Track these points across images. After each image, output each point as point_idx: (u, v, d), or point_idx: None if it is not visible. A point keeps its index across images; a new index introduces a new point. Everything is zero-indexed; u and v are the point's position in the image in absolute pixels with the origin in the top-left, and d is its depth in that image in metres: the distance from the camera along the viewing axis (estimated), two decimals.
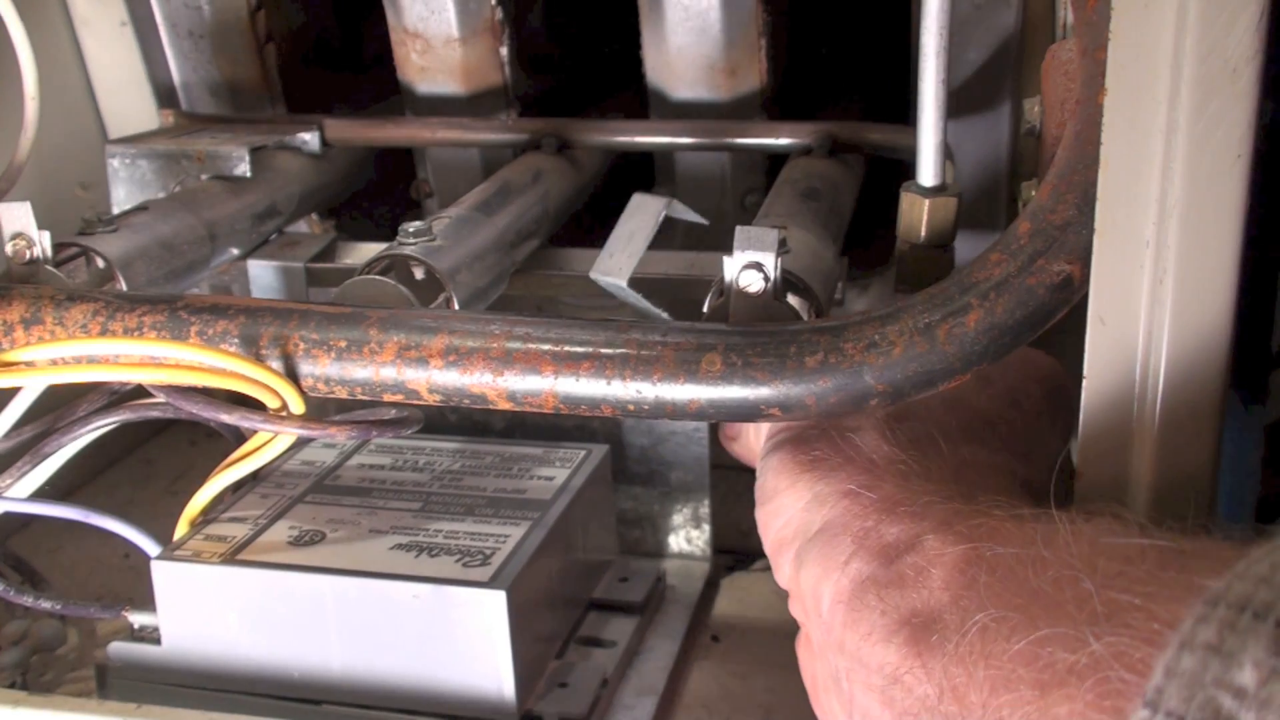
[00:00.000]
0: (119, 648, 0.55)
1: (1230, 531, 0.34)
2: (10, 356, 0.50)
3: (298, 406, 0.49)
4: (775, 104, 0.79)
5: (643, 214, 0.56)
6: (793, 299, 0.52)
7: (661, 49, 0.77)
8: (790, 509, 0.45)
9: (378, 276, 0.57)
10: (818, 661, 0.43)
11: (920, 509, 0.40)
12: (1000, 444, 0.46)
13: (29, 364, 0.50)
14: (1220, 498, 0.42)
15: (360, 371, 0.49)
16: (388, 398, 0.49)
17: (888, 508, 0.41)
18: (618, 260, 0.55)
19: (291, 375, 0.49)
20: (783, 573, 0.45)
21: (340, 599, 0.51)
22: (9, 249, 0.58)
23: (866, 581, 0.39)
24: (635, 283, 0.72)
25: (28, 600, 0.57)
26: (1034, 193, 0.49)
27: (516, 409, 0.48)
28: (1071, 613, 0.32)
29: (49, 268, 0.58)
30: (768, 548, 0.47)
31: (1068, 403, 0.50)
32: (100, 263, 0.61)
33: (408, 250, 0.58)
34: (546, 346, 0.47)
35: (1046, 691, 0.31)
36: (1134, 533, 0.35)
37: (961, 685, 0.34)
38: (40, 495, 0.56)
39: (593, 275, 0.55)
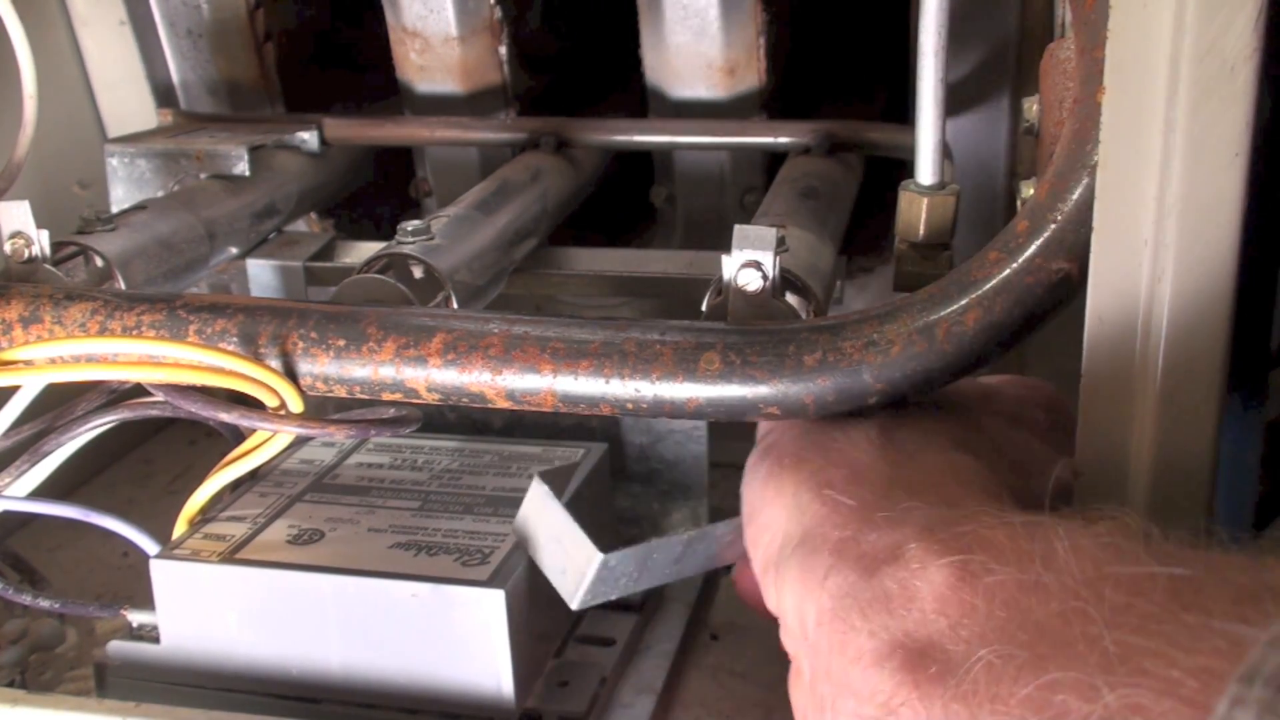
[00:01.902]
0: (118, 646, 0.55)
1: (1231, 538, 0.33)
2: (9, 355, 0.50)
3: (296, 405, 0.49)
4: (774, 103, 0.80)
5: (542, 510, 0.48)
6: (791, 298, 0.53)
7: (660, 48, 0.77)
8: (775, 523, 0.42)
9: (376, 275, 0.57)
10: (809, 695, 0.39)
11: (899, 515, 0.38)
12: (996, 459, 0.44)
13: (28, 363, 0.50)
14: (1219, 497, 0.42)
15: (359, 370, 0.49)
16: (386, 396, 0.49)
17: (866, 515, 0.39)
18: (577, 573, 0.45)
19: (290, 374, 0.49)
20: (770, 596, 0.42)
21: (339, 598, 0.51)
22: (7, 248, 0.58)
23: (847, 597, 0.37)
24: (634, 281, 0.72)
25: (27, 599, 0.57)
26: (1032, 191, 0.49)
27: (515, 408, 0.48)
28: (1082, 653, 0.30)
29: (47, 266, 0.58)
30: (756, 569, 0.44)
31: (1071, 428, 0.49)
32: (99, 261, 0.61)
33: (406, 249, 0.58)
34: (545, 345, 0.47)
35: None
36: (1138, 546, 0.33)
37: None
38: (39, 494, 0.56)
39: (577, 607, 0.46)
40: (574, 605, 0.45)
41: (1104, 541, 0.33)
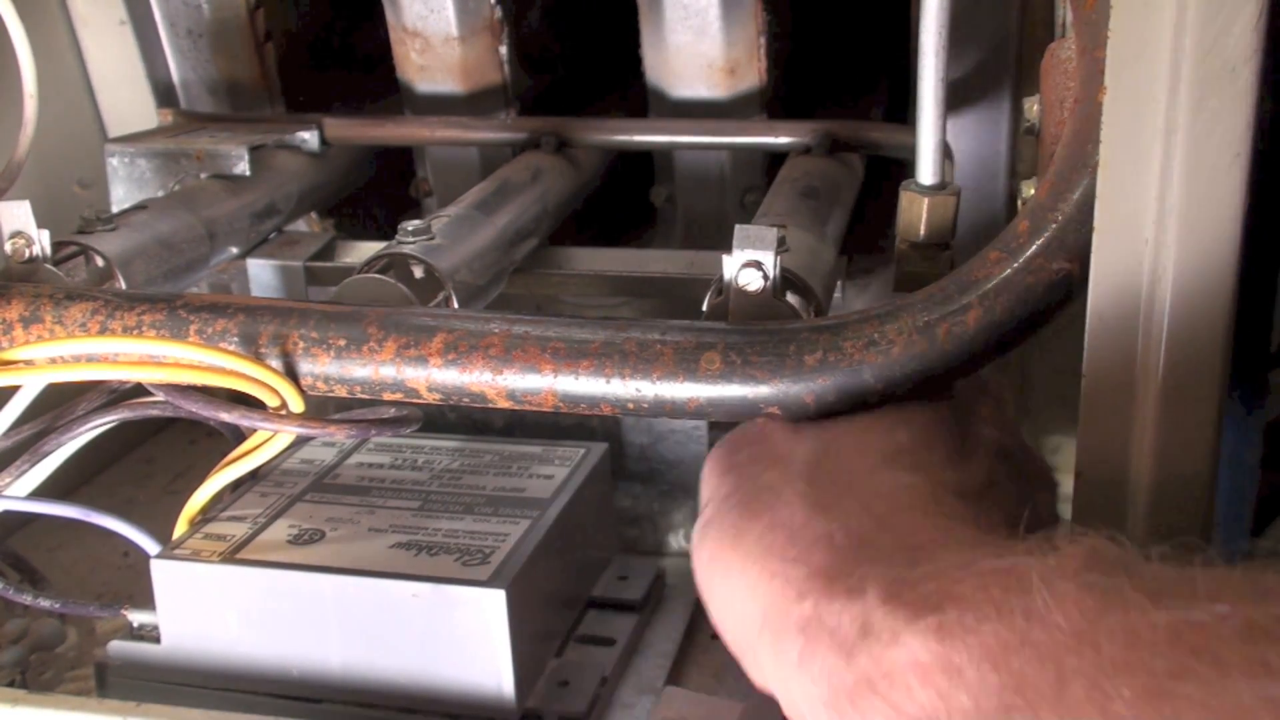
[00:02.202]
0: (118, 646, 0.55)
1: (1229, 551, 0.31)
2: (9, 355, 0.50)
3: (297, 405, 0.49)
4: (775, 103, 0.80)
5: None
6: (792, 297, 0.53)
7: (661, 48, 0.77)
8: (731, 606, 0.40)
9: (377, 275, 0.57)
10: None
11: (857, 581, 0.35)
12: (925, 456, 0.42)
13: (28, 362, 0.50)
14: (1220, 496, 0.42)
15: (359, 370, 0.49)
16: (387, 396, 0.49)
17: (822, 585, 0.36)
18: None
19: (291, 374, 0.49)
20: (754, 674, 0.40)
21: (340, 598, 0.51)
22: (8, 247, 0.58)
23: (830, 684, 0.35)
24: (634, 281, 0.72)
25: (27, 599, 0.57)
26: (1033, 191, 0.49)
27: (516, 407, 0.48)
28: None
29: (48, 266, 0.58)
30: (732, 650, 0.41)
31: (981, 387, 0.47)
32: (99, 261, 0.61)
33: (407, 249, 0.58)
34: (546, 345, 0.47)
35: None
36: (1121, 581, 0.30)
37: None
38: (40, 494, 0.56)
39: None
40: None
41: (1084, 582, 0.31)
